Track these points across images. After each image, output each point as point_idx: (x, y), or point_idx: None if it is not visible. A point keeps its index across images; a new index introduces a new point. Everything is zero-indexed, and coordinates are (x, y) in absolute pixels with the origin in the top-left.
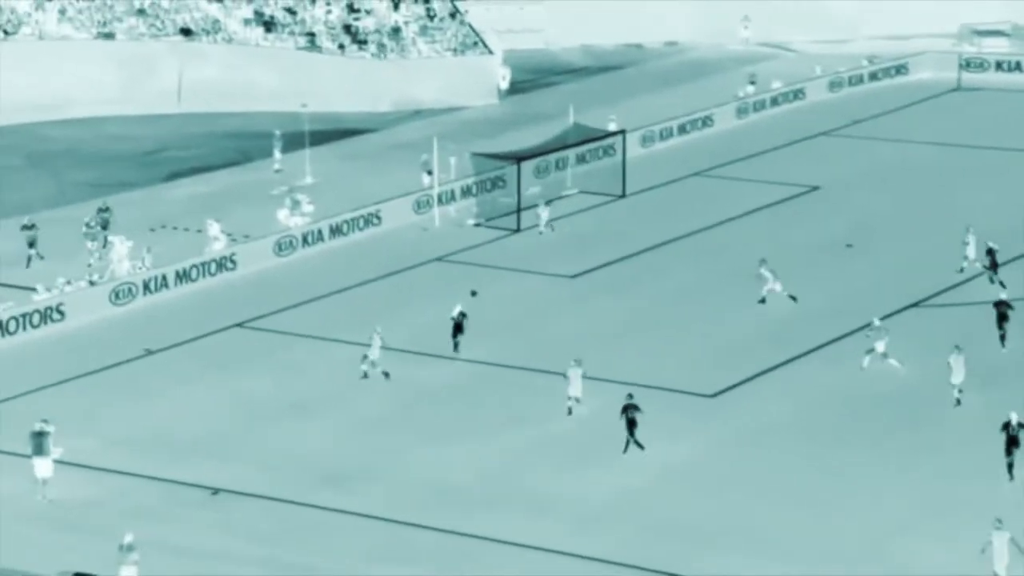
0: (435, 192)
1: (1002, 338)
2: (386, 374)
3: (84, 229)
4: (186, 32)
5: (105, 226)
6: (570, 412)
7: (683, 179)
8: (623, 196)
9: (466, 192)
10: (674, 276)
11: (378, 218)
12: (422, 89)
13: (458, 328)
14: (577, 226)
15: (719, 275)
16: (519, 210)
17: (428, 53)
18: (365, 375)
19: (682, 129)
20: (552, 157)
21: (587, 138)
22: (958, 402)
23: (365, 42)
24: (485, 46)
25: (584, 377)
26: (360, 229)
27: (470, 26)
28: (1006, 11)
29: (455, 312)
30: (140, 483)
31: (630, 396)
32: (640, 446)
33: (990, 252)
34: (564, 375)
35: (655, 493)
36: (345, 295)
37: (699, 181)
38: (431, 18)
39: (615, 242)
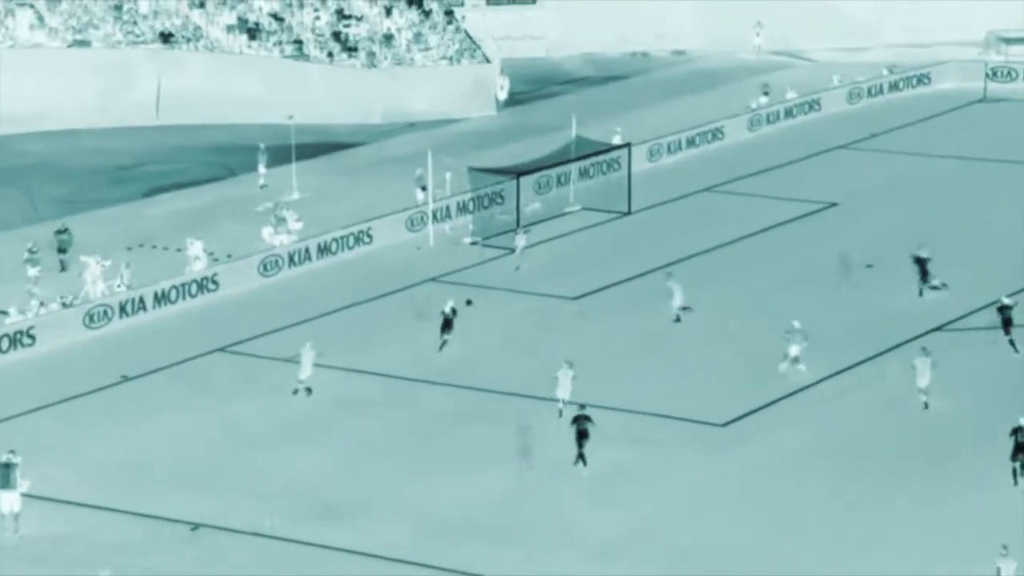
0: (429, 209)
1: (1012, 343)
2: (308, 390)
3: (26, 255)
4: (165, 38)
5: (64, 249)
6: (560, 415)
7: (692, 195)
8: (628, 213)
9: (462, 209)
10: (682, 298)
11: (369, 236)
12: (416, 100)
13: (447, 325)
14: (580, 244)
15: (730, 297)
16: (518, 228)
17: (422, 62)
18: (295, 391)
19: (691, 142)
20: (553, 172)
21: (590, 152)
22: (926, 406)
23: (355, 50)
24: (482, 54)
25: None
26: (350, 248)
27: (466, 33)
28: None
29: (447, 308)
30: (116, 518)
31: (582, 407)
32: (583, 461)
33: (919, 261)
34: (555, 376)
35: (663, 530)
36: (334, 318)
37: (709, 197)
38: (425, 25)
39: (620, 262)
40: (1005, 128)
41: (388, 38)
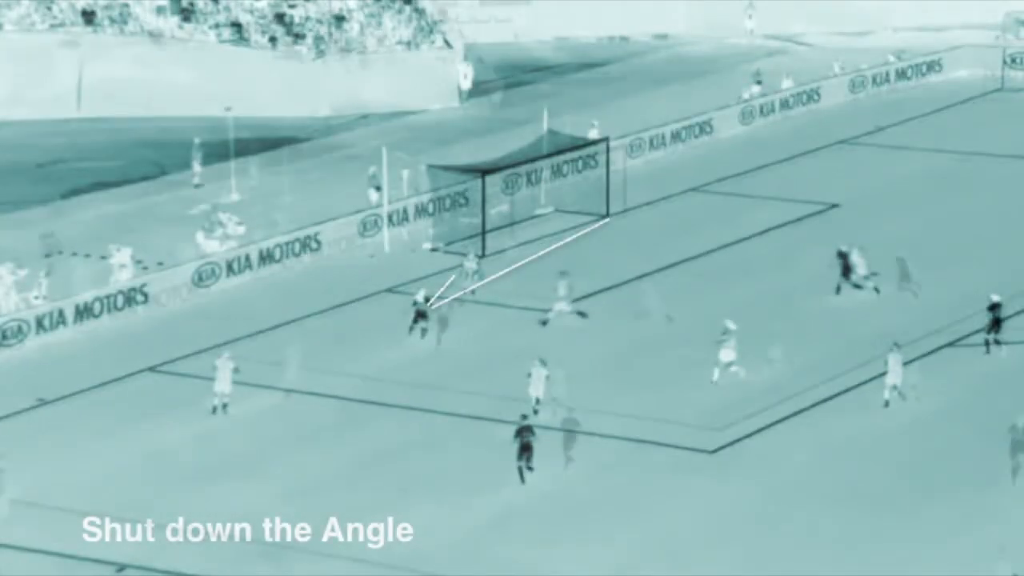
0: (384, 211)
1: (997, 342)
2: (224, 406)
3: None
4: (88, 16)
5: None
6: (535, 413)
7: (678, 195)
8: (607, 216)
9: (421, 211)
10: (667, 311)
11: (317, 242)
12: (369, 90)
13: (420, 316)
14: (553, 251)
15: (719, 309)
16: (484, 232)
17: (376, 47)
18: (214, 409)
19: (676, 137)
20: (523, 170)
21: (564, 147)
22: (887, 403)
23: (302, 35)
24: (444, 39)
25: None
26: (295, 255)
27: (426, 15)
28: None
29: (419, 296)
30: (32, 559)
31: (524, 417)
32: (526, 471)
33: (841, 255)
34: (528, 374)
35: (652, 570)
36: (278, 333)
37: (697, 198)
38: (380, 6)
39: (597, 270)
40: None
41: (339, 20)
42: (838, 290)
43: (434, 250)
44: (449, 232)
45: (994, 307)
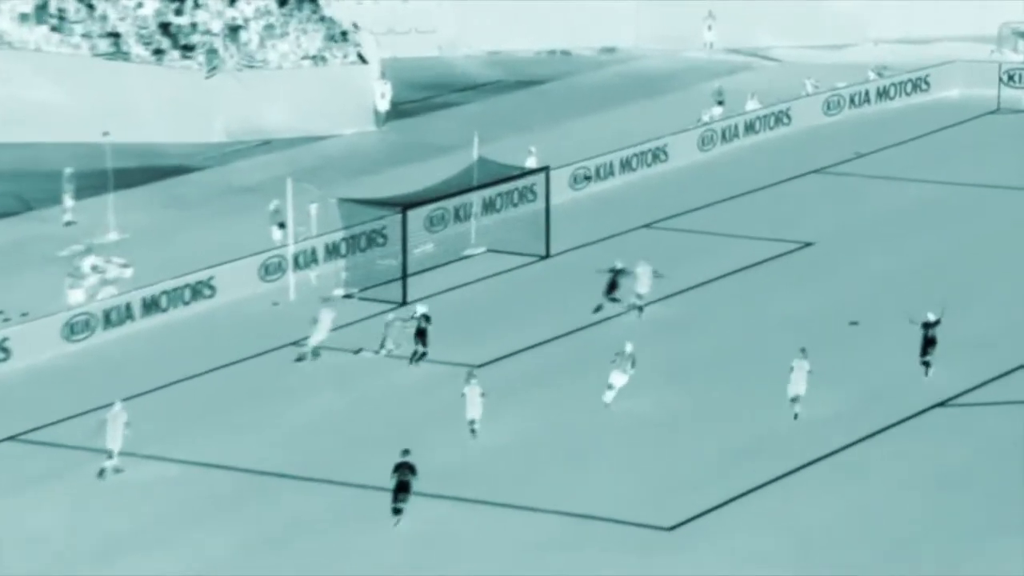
0: (290, 252)
1: (927, 364)
2: (115, 470)
3: None
4: None
5: None
6: (473, 434)
7: (627, 232)
8: (547, 256)
9: (332, 252)
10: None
11: (211, 288)
12: (270, 111)
13: (420, 335)
14: (486, 298)
15: (676, 365)
16: (405, 276)
17: (278, 62)
18: (101, 472)
19: (626, 165)
20: (450, 204)
21: (497, 178)
22: (795, 416)
23: (191, 47)
24: (357, 53)
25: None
26: (185, 303)
27: (337, 25)
28: None
29: (417, 313)
30: None
31: (406, 452)
32: (398, 512)
33: (613, 271)
34: (462, 394)
35: None
36: (164, 395)
37: (649, 235)
38: (282, 15)
39: (536, 319)
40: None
41: (234, 31)
42: (598, 308)
43: (347, 297)
44: (364, 276)
45: (928, 325)
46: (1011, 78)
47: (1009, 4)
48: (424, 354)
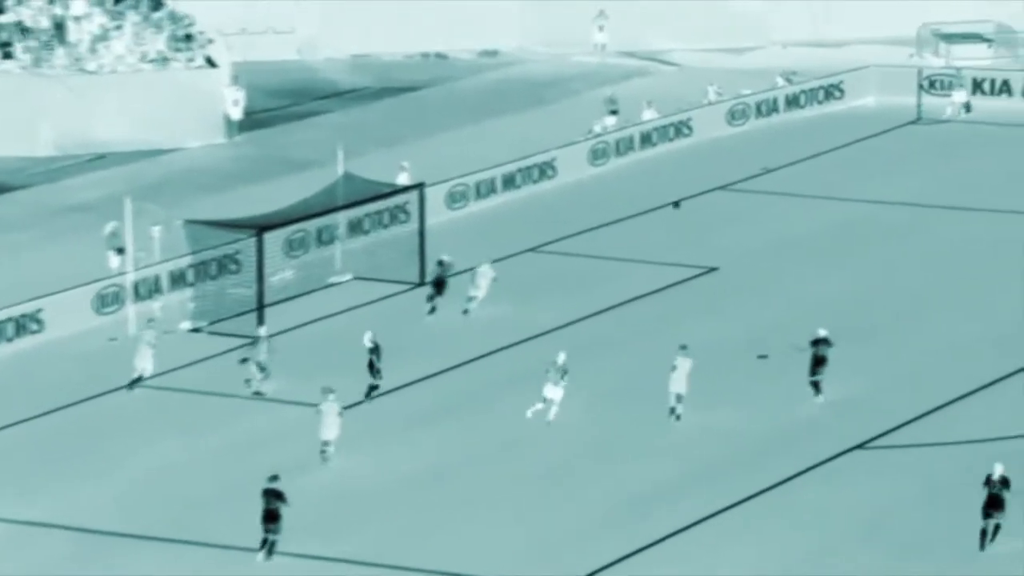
0: (129, 281)
1: (816, 385)
2: None
3: None
4: None
5: None
6: (324, 458)
7: (512, 257)
8: (421, 284)
9: (177, 280)
10: (501, 408)
11: (38, 322)
12: (105, 121)
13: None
14: (353, 331)
15: (567, 406)
16: (262, 307)
17: (114, 65)
18: None
19: (509, 182)
20: (311, 225)
21: (365, 196)
22: (677, 417)
23: (9, 44)
24: (205, 56)
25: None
26: (9, 340)
27: (182, 23)
28: (986, 7)
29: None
30: None
31: (274, 478)
32: (270, 550)
33: (440, 264)
34: (317, 408)
35: None
36: None
37: (536, 260)
38: (118, 12)
39: (411, 356)
40: (948, 161)
41: (60, 29)
42: (432, 311)
43: (195, 331)
44: (215, 307)
45: (817, 343)
46: (932, 85)
47: (929, 4)
48: (376, 387)
